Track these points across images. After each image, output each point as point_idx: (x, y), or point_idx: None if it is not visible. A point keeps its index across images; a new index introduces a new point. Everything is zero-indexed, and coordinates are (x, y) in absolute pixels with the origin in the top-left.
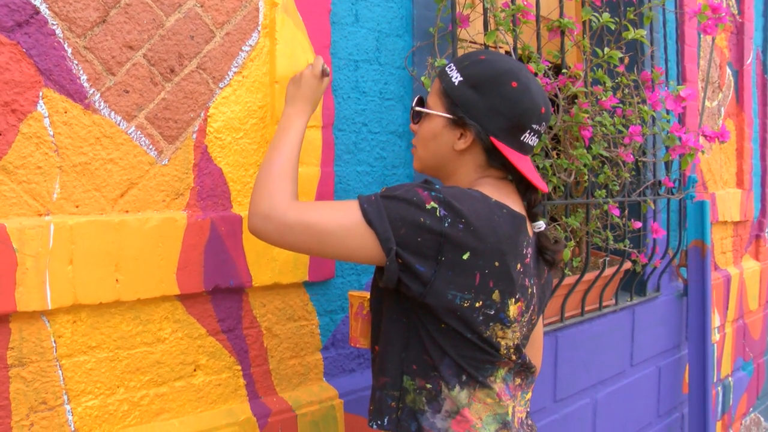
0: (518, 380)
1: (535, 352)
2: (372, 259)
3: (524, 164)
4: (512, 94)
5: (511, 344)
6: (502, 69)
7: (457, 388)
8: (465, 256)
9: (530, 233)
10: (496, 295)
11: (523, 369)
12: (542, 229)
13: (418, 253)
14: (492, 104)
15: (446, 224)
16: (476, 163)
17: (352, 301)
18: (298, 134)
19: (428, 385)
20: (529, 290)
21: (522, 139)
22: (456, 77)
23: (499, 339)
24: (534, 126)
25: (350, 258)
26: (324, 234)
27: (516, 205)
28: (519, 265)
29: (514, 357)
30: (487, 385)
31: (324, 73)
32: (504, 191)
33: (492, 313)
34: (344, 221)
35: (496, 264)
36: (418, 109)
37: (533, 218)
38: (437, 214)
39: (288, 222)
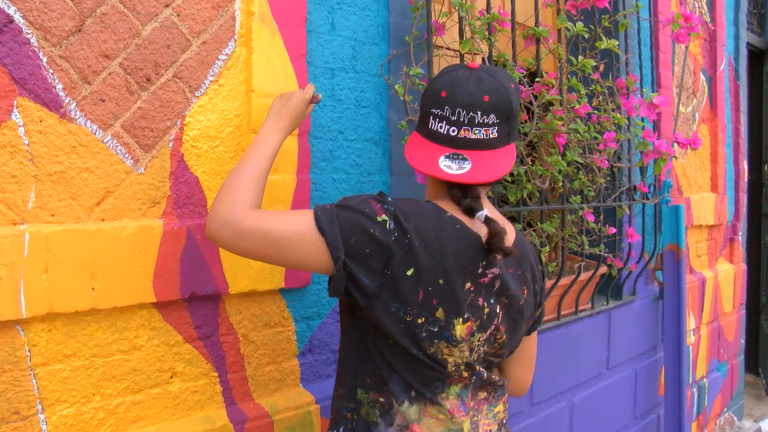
0: (483, 394)
1: (522, 368)
2: (322, 267)
3: (425, 151)
4: (429, 87)
5: (461, 362)
6: (441, 73)
7: (406, 403)
8: (409, 272)
9: (502, 250)
10: (440, 313)
11: (487, 384)
12: (482, 219)
13: (365, 264)
14: (421, 105)
15: (393, 237)
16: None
17: None
18: (272, 149)
19: (381, 399)
20: (486, 310)
21: (429, 126)
22: None
23: (445, 356)
24: (434, 110)
25: (301, 266)
26: (277, 240)
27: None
28: (469, 284)
29: (465, 374)
30: (437, 402)
31: (314, 100)
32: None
33: (436, 330)
34: (298, 228)
35: (440, 282)
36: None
37: (470, 213)
38: (387, 226)
39: (244, 227)
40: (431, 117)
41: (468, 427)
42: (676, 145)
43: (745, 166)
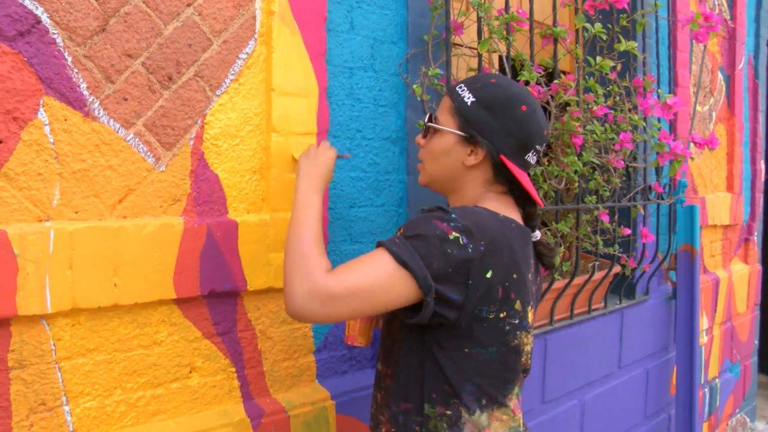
0: (521, 391)
1: None
2: (411, 299)
3: (526, 180)
4: (522, 116)
5: (529, 350)
6: (513, 93)
7: (478, 412)
8: (488, 275)
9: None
10: (518, 305)
11: (525, 374)
12: (538, 238)
13: (450, 282)
14: (503, 125)
15: (470, 250)
16: (483, 179)
17: None
18: (318, 211)
19: (448, 412)
20: (536, 296)
21: (525, 157)
22: (468, 97)
23: (524, 346)
24: (537, 147)
25: (393, 306)
26: (369, 292)
27: (518, 218)
28: (530, 275)
29: (529, 363)
30: (504, 404)
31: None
32: (507, 205)
33: (516, 322)
34: (383, 273)
35: (514, 276)
36: (431, 125)
37: (531, 230)
38: (460, 242)
39: (332, 293)
40: (532, 151)
41: (522, 421)
42: (692, 144)
43: (762, 166)
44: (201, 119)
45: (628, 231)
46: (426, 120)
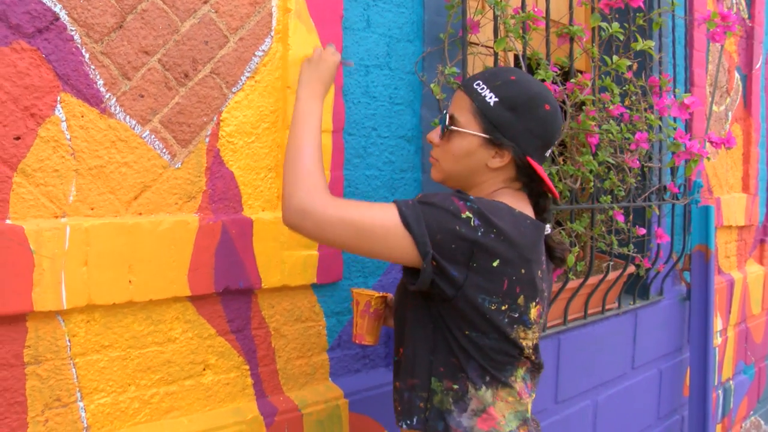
0: (535, 377)
1: None
2: (406, 260)
3: (546, 177)
4: (546, 116)
5: (531, 344)
6: (535, 91)
7: (483, 388)
8: (495, 264)
9: None
10: (521, 300)
11: (536, 369)
12: (549, 232)
13: (451, 258)
14: (528, 126)
15: (479, 233)
16: (504, 177)
17: (358, 298)
18: (318, 119)
19: (455, 386)
20: (545, 293)
21: (545, 154)
22: (490, 97)
23: (521, 340)
24: (556, 143)
25: (384, 256)
26: (363, 231)
27: (531, 213)
28: (539, 272)
29: (533, 357)
30: (509, 384)
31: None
32: (522, 201)
33: (516, 315)
34: (383, 221)
35: (523, 271)
36: (453, 128)
37: (543, 220)
38: (471, 223)
39: (327, 218)
40: (550, 148)
41: (530, 408)
42: (708, 144)
43: None
44: (217, 116)
45: (642, 231)
46: (447, 122)
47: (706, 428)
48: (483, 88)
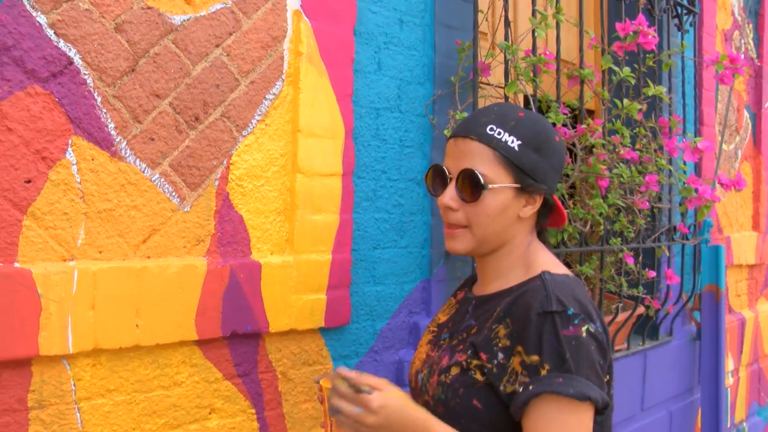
0: None
1: None
2: None
3: (563, 210)
4: (561, 148)
5: None
6: (543, 124)
7: None
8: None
9: None
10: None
11: None
12: None
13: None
14: (552, 163)
15: (602, 337)
16: (531, 225)
17: (326, 394)
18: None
19: None
20: None
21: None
22: (512, 141)
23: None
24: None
25: None
26: None
27: None
28: None
29: None
30: None
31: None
32: (544, 247)
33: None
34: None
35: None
36: (491, 186)
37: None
38: (597, 337)
39: None
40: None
41: None
42: (718, 185)
43: None
44: (227, 159)
45: (653, 274)
46: (472, 180)
47: None
48: (500, 133)
